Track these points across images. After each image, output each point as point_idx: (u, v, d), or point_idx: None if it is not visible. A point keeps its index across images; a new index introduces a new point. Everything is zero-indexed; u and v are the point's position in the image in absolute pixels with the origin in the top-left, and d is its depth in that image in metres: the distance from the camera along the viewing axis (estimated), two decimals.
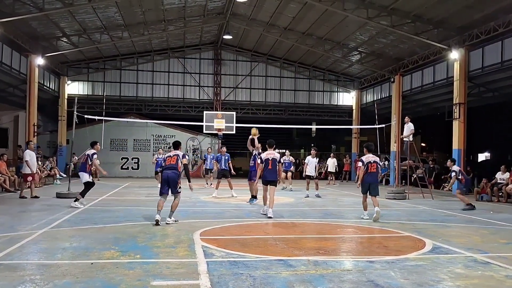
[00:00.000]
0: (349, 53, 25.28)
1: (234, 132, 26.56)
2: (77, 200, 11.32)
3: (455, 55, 18.51)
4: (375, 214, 9.45)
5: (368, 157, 9.97)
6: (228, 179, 15.25)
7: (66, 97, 26.45)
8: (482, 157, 35.69)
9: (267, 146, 10.71)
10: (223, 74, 29.32)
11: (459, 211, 11.93)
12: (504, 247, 7.07)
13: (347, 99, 30.41)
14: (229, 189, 15.10)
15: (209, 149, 20.74)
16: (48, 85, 24.65)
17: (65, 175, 20.82)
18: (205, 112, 26.64)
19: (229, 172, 15.51)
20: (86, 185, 11.55)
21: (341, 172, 27.40)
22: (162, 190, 8.80)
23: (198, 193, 16.23)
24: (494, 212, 12.01)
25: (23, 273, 4.92)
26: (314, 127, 34.08)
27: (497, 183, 15.58)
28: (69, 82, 27.17)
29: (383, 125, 18.18)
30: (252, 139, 12.71)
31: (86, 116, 17.09)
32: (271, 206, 9.95)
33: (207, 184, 18.99)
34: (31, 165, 13.44)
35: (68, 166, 19.22)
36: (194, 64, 29.16)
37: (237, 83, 29.48)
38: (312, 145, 21.09)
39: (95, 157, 11.52)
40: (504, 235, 8.23)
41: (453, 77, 19.04)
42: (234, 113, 26.75)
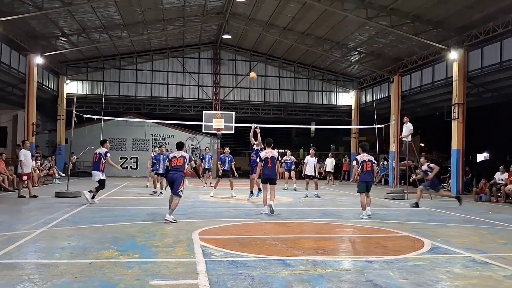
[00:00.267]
0: (348, 53, 25.28)
1: (233, 132, 26.55)
2: (91, 192, 11.78)
3: (454, 55, 18.53)
4: (368, 212, 10.01)
5: (362, 156, 10.25)
6: (230, 178, 15.25)
7: (65, 96, 26.42)
8: (481, 157, 35.72)
9: (266, 145, 11.00)
10: (222, 73, 29.32)
11: (457, 211, 11.93)
12: (502, 247, 7.08)
13: (346, 99, 30.41)
14: (228, 189, 15.10)
15: (207, 148, 20.72)
16: (47, 85, 24.62)
17: (64, 175, 20.80)
18: (204, 111, 26.62)
19: (232, 173, 15.53)
20: (100, 183, 11.98)
21: (340, 172, 27.42)
22: (171, 188, 9.20)
23: (197, 193, 16.24)
24: (492, 212, 12.02)
25: (22, 273, 4.91)
26: (313, 127, 34.09)
27: (495, 183, 15.59)
28: (68, 81, 27.16)
29: (382, 125, 18.20)
30: (254, 132, 12.77)
31: (85, 115, 17.10)
32: (272, 199, 10.34)
33: (206, 183, 19.00)
34: (25, 165, 13.45)
35: (67, 165, 19.23)
36: (193, 63, 29.16)
37: (236, 82, 29.48)
38: (311, 145, 21.04)
39: (108, 155, 12.03)
40: (502, 235, 8.24)
41: (452, 77, 19.04)
42: (233, 113, 26.74)
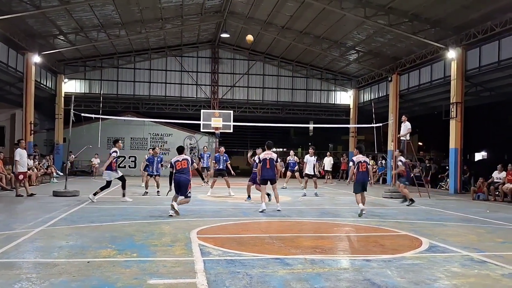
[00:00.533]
0: (347, 52, 25.28)
1: (231, 130, 26.53)
2: (124, 195, 12.46)
3: (452, 54, 18.54)
4: (359, 212, 10.25)
5: (358, 157, 10.68)
6: (225, 177, 15.24)
7: (63, 95, 26.35)
8: (479, 156, 35.81)
9: (266, 147, 11.32)
10: (220, 72, 29.28)
11: (455, 210, 11.96)
12: (500, 246, 7.09)
13: (345, 98, 30.41)
14: (226, 188, 15.08)
15: (205, 147, 20.70)
16: (45, 83, 24.56)
17: (62, 174, 20.76)
18: (202, 110, 26.57)
19: (229, 172, 15.51)
20: (121, 179, 12.45)
21: (338, 171, 27.43)
22: (176, 191, 9.64)
23: (195, 192, 16.20)
24: (490, 211, 12.04)
25: (19, 272, 4.91)
26: (311, 126, 34.05)
27: (493, 182, 15.61)
28: (66, 80, 27.09)
29: (380, 124, 18.21)
30: (253, 153, 12.79)
31: (83, 114, 17.04)
32: (277, 198, 11.00)
33: (204, 182, 18.99)
34: (21, 164, 13.43)
35: (65, 164, 19.18)
36: (191, 62, 29.12)
37: (234, 81, 29.44)
38: (309, 144, 21.07)
39: (113, 155, 12.40)
40: (500, 234, 8.25)
41: (450, 76, 19.07)
42: (231, 112, 26.70)
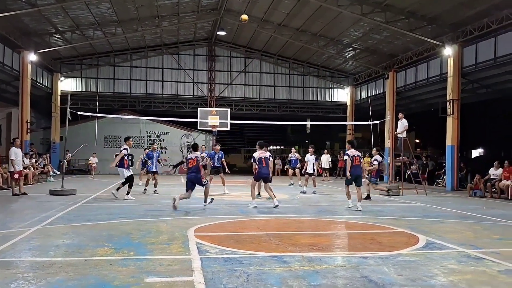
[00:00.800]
0: (343, 50, 25.29)
1: (228, 128, 26.52)
2: (128, 193, 12.39)
3: (448, 51, 18.57)
4: (359, 207, 10.60)
5: (352, 151, 10.99)
6: (221, 174, 15.23)
7: (59, 93, 26.30)
8: (475, 153, 35.95)
9: (258, 147, 11.52)
10: (217, 70, 29.25)
11: (452, 207, 11.99)
12: (497, 242, 7.11)
13: (341, 95, 30.43)
14: (221, 186, 15.08)
15: (203, 146, 20.67)
16: (41, 82, 24.49)
17: (58, 172, 20.71)
18: (199, 108, 26.58)
19: (224, 170, 15.49)
20: (127, 179, 12.46)
21: (335, 168, 27.44)
22: (187, 187, 10.51)
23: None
24: (487, 208, 12.07)
25: (16, 271, 4.88)
26: (308, 123, 34.12)
27: (490, 179, 15.65)
28: (62, 78, 27.02)
29: (377, 122, 18.23)
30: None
31: (79, 113, 17.00)
32: (272, 196, 11.23)
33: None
34: (16, 163, 13.37)
35: (61, 163, 19.13)
36: (188, 60, 29.08)
37: (231, 79, 29.42)
38: (306, 142, 21.12)
39: (123, 152, 12.40)
40: (497, 230, 8.28)
41: (446, 73, 19.11)
42: (228, 110, 26.70)
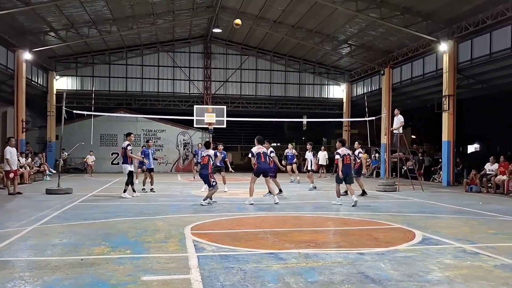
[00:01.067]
0: (339, 46, 25.28)
1: (224, 126, 26.50)
2: (125, 191, 12.33)
3: (444, 47, 18.59)
4: (353, 203, 10.70)
5: (343, 150, 11.12)
6: (222, 173, 15.21)
7: (54, 92, 26.18)
8: (471, 148, 36.08)
9: (257, 142, 11.53)
10: (213, 67, 29.19)
11: (448, 202, 12.04)
12: (492, 237, 7.15)
13: (338, 92, 30.44)
14: (221, 184, 15.05)
15: (199, 144, 20.68)
16: (36, 81, 24.37)
17: (54, 171, 20.65)
18: (195, 106, 26.53)
19: (227, 169, 15.51)
20: (129, 175, 12.42)
21: (332, 165, 27.43)
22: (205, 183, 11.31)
23: (189, 188, 16.23)
24: (483, 203, 12.13)
25: (12, 270, 4.88)
26: (305, 120, 34.12)
27: (486, 174, 15.72)
28: (58, 77, 26.90)
29: (373, 118, 18.25)
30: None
31: (75, 111, 16.92)
32: (272, 191, 11.42)
33: (193, 178, 19.12)
34: (11, 163, 13.32)
35: (57, 162, 19.06)
36: (183, 58, 29.00)
37: (227, 76, 29.38)
38: (303, 138, 21.14)
39: (129, 148, 12.37)
40: (492, 225, 8.33)
41: (442, 69, 19.13)
42: (224, 107, 26.65)
